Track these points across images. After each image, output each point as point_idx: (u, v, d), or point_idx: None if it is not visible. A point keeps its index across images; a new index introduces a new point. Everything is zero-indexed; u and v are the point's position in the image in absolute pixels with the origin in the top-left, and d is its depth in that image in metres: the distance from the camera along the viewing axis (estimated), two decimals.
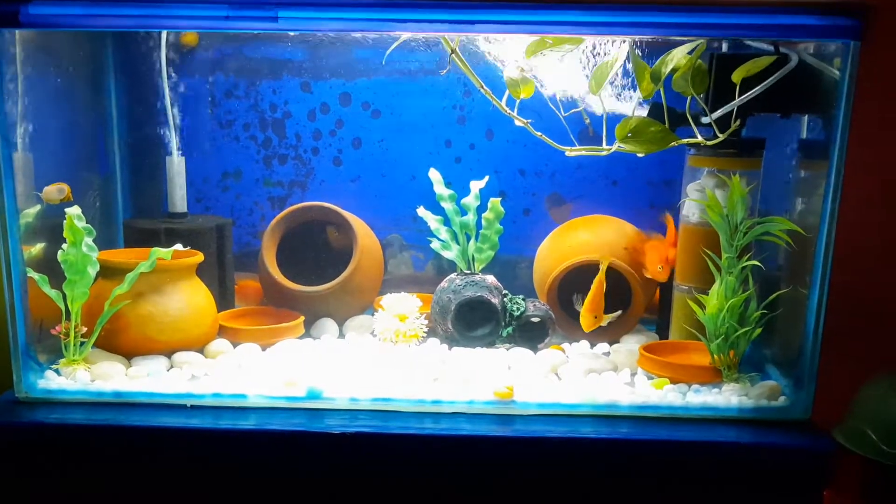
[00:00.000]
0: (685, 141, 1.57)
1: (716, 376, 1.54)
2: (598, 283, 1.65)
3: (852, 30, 1.33)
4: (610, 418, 1.47)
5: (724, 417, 1.47)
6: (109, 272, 1.60)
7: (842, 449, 1.50)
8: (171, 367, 1.61)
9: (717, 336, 1.52)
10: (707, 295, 1.54)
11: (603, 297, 1.66)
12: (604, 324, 1.67)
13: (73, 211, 1.51)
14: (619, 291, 1.79)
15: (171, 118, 1.88)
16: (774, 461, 1.41)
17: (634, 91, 1.60)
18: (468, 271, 1.81)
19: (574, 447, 1.40)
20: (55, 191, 1.54)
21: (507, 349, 1.73)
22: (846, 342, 1.50)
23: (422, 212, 1.83)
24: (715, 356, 1.54)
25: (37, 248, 1.56)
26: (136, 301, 1.59)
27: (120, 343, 1.60)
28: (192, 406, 1.49)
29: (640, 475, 1.42)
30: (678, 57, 1.48)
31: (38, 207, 1.56)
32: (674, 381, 1.54)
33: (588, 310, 1.65)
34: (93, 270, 1.54)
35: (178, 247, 1.62)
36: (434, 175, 1.81)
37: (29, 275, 1.49)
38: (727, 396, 1.49)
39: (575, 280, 1.80)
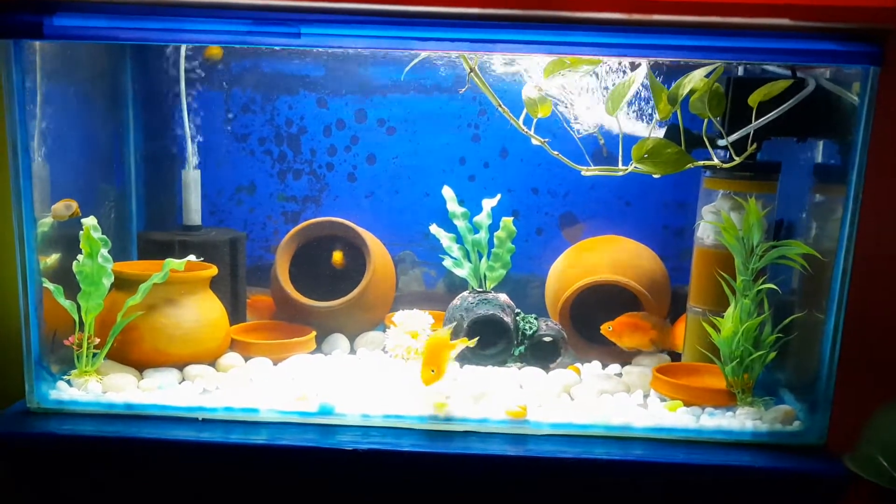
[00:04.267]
0: (701, 163, 1.58)
1: (730, 400, 1.53)
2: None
3: (872, 55, 1.34)
4: (623, 440, 1.46)
5: (738, 441, 1.46)
6: (124, 284, 1.60)
7: (855, 476, 1.49)
8: (183, 379, 1.61)
9: (732, 359, 1.51)
10: (720, 317, 1.54)
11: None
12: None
13: (90, 221, 1.52)
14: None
15: (187, 131, 1.89)
16: (788, 486, 1.41)
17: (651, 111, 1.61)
18: (480, 289, 1.80)
19: (587, 468, 1.39)
20: (63, 207, 1.54)
21: (519, 368, 1.72)
22: (862, 367, 1.49)
23: (434, 229, 1.83)
24: (729, 379, 1.53)
25: (51, 259, 1.56)
26: (149, 313, 1.59)
27: (132, 355, 1.60)
28: (203, 419, 1.48)
29: (653, 498, 1.41)
30: (696, 79, 1.49)
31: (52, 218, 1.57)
32: (687, 404, 1.53)
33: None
34: (107, 282, 1.54)
35: (192, 258, 1.62)
36: (447, 192, 1.82)
37: (44, 285, 1.49)
38: (741, 420, 1.48)
39: (587, 300, 1.80)
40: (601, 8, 1.32)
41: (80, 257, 1.52)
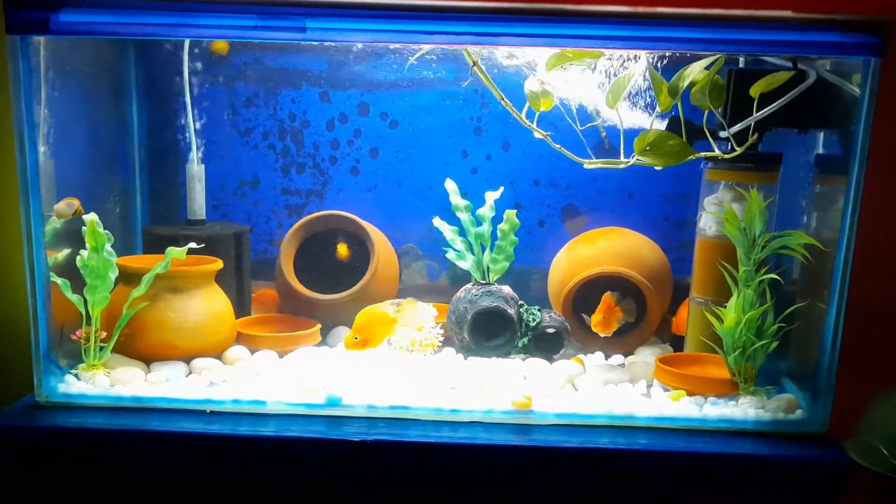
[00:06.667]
0: (703, 154, 1.59)
1: (733, 389, 1.54)
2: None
3: (873, 47, 1.34)
4: (627, 429, 1.48)
5: (741, 430, 1.48)
6: (128, 278, 1.61)
7: (856, 463, 1.50)
8: (190, 372, 1.62)
9: (735, 349, 1.52)
10: (723, 308, 1.55)
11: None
12: None
13: (93, 216, 1.52)
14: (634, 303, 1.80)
15: (191, 125, 1.90)
16: (790, 474, 1.42)
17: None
18: (484, 281, 1.81)
19: (591, 458, 1.41)
20: (65, 206, 1.54)
21: (523, 359, 1.73)
22: (864, 356, 1.50)
23: (437, 222, 1.84)
24: (732, 369, 1.54)
25: (60, 254, 1.57)
26: (155, 306, 1.61)
27: (139, 348, 1.61)
28: (211, 412, 1.49)
29: (657, 486, 1.43)
30: (696, 71, 1.50)
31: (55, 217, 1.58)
32: (690, 394, 1.55)
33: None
34: (113, 275, 1.55)
35: (192, 245, 1.62)
36: (450, 185, 1.83)
37: (52, 279, 1.50)
38: (744, 409, 1.50)
39: (589, 292, 1.81)
40: (604, 0, 1.33)
41: (83, 252, 1.53)
